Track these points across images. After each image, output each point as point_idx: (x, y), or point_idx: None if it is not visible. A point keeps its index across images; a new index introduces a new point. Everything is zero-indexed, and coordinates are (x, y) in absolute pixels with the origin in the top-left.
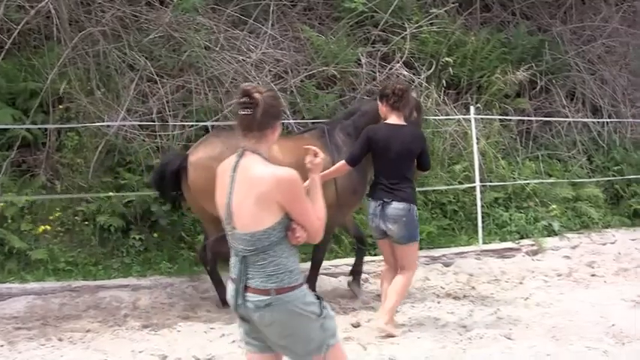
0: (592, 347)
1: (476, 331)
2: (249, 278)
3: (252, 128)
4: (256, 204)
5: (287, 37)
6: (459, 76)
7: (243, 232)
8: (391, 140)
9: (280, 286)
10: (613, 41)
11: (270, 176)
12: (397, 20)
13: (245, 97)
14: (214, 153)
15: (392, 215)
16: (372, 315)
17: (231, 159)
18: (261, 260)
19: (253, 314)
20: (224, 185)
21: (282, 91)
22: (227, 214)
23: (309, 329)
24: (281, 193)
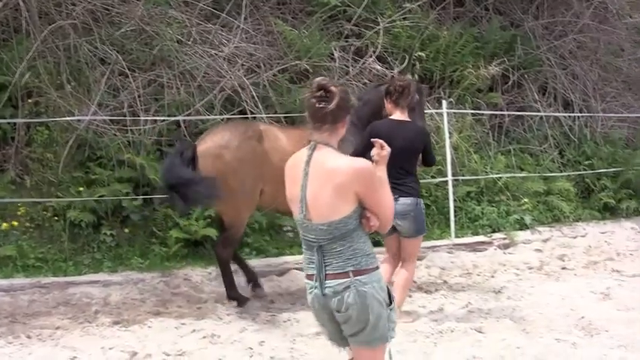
0: (561, 339)
1: (447, 325)
2: (327, 265)
3: (326, 121)
4: (333, 194)
5: (260, 31)
6: (432, 70)
7: (320, 222)
8: (394, 136)
9: (358, 268)
10: (584, 37)
11: (348, 167)
12: (370, 15)
13: (321, 90)
14: (223, 142)
15: (400, 211)
16: None
17: (302, 153)
18: (339, 247)
19: (331, 300)
20: (296, 179)
21: (254, 86)
22: (301, 206)
23: (379, 316)
24: (358, 184)
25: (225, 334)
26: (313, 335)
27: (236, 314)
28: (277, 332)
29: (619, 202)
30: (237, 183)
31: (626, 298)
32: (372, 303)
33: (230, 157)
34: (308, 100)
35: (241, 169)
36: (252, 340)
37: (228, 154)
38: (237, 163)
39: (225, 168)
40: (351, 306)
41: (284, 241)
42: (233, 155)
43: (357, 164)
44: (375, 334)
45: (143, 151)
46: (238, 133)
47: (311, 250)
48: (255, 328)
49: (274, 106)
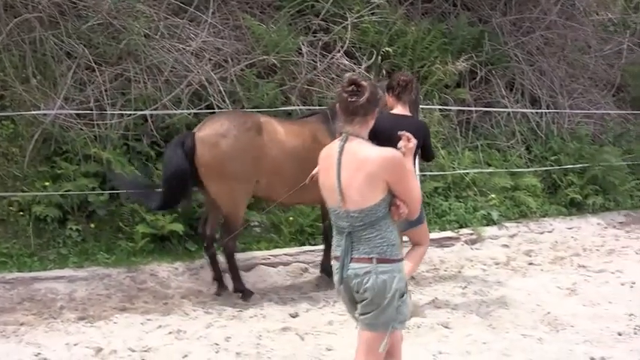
0: (527, 335)
1: (413, 320)
2: (353, 250)
3: (357, 114)
4: (365, 183)
5: (227, 26)
6: (400, 65)
7: (352, 209)
8: (395, 130)
9: (382, 256)
10: (551, 33)
11: (379, 157)
12: (338, 10)
13: (352, 85)
14: (222, 130)
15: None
16: (311, 304)
17: (335, 144)
18: (369, 234)
19: (352, 282)
20: (330, 168)
21: (221, 80)
22: (336, 194)
23: (389, 305)
24: (389, 173)
25: (191, 330)
26: (280, 331)
27: (202, 310)
28: (243, 328)
29: (585, 197)
30: (233, 172)
31: (591, 293)
32: (387, 291)
33: (227, 145)
34: (340, 95)
35: (238, 159)
36: (218, 335)
37: (226, 143)
38: (234, 152)
39: (221, 156)
40: (368, 290)
41: (251, 236)
42: (230, 144)
43: (387, 154)
44: (380, 319)
45: (110, 145)
46: (238, 123)
47: (341, 235)
48: (221, 323)
49: (242, 101)
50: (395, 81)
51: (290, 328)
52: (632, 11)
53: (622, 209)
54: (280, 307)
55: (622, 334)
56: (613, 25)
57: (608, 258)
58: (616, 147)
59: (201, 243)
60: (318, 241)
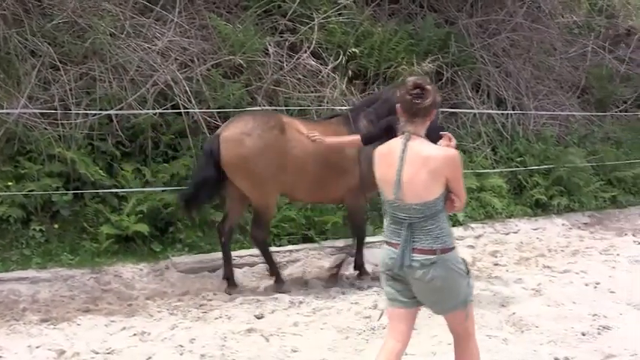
0: (492, 335)
1: (379, 322)
2: (415, 241)
3: (419, 115)
4: (428, 178)
5: (194, 26)
6: (366, 66)
7: (414, 202)
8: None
9: (444, 247)
10: (517, 35)
11: (442, 155)
12: (305, 10)
13: (417, 88)
14: (246, 129)
15: None
16: (277, 306)
17: (397, 142)
18: (429, 225)
19: (417, 272)
20: (391, 164)
21: (187, 80)
22: (397, 188)
23: (460, 285)
24: (449, 170)
25: (155, 332)
26: (245, 332)
27: (167, 311)
28: (208, 329)
29: (550, 198)
30: (259, 169)
31: (556, 293)
32: (454, 276)
33: (251, 144)
34: (403, 97)
35: (262, 157)
36: (182, 337)
37: (250, 141)
38: (257, 150)
39: (245, 153)
40: (437, 278)
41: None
42: (254, 143)
43: (449, 152)
44: (458, 299)
45: (74, 145)
46: (261, 122)
47: (398, 225)
48: (185, 325)
49: (208, 101)
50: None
51: (255, 330)
52: (597, 14)
53: (586, 210)
54: (245, 308)
55: (586, 334)
56: (578, 27)
57: (573, 259)
58: (580, 148)
59: (166, 244)
60: (284, 242)
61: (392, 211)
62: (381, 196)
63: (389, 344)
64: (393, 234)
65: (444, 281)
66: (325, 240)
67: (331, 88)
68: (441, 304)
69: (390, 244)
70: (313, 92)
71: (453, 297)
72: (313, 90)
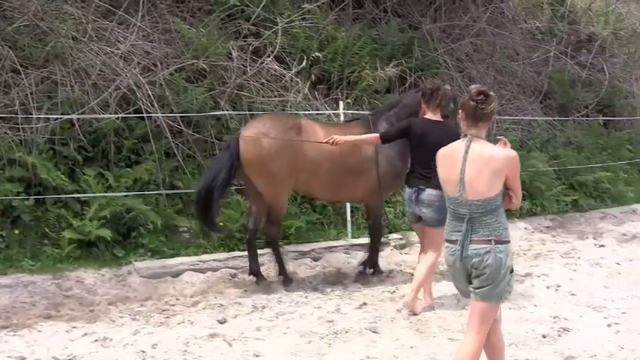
0: (454, 339)
1: (342, 325)
2: (473, 233)
3: (482, 119)
4: (491, 176)
5: (157, 30)
6: (330, 71)
7: (476, 198)
8: (427, 134)
9: (499, 238)
10: (480, 40)
11: (503, 156)
12: (269, 14)
13: (481, 95)
14: (264, 130)
15: (426, 200)
16: (240, 310)
17: (459, 144)
18: (488, 219)
19: (473, 260)
20: (453, 164)
21: (150, 84)
22: (460, 186)
23: (503, 279)
24: (509, 168)
25: (117, 338)
26: (207, 337)
27: (129, 317)
28: (171, 335)
29: None
30: (275, 168)
31: (518, 296)
32: (502, 267)
33: (268, 144)
34: (467, 103)
35: (278, 156)
36: (144, 343)
37: (267, 141)
38: (274, 150)
39: (263, 153)
40: (488, 266)
41: (179, 242)
42: (271, 142)
43: (510, 153)
44: (495, 291)
45: (35, 150)
46: (279, 124)
47: (459, 220)
48: (148, 330)
49: (170, 106)
50: (423, 89)
51: (218, 335)
52: (559, 20)
53: (548, 214)
54: (208, 313)
55: (546, 336)
56: (540, 33)
57: (535, 262)
58: (543, 153)
59: (129, 249)
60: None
61: (453, 208)
62: (444, 193)
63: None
64: (453, 231)
65: (494, 270)
66: (289, 244)
67: (295, 93)
68: (486, 291)
69: (450, 242)
70: (277, 97)
71: (498, 288)
72: (277, 94)
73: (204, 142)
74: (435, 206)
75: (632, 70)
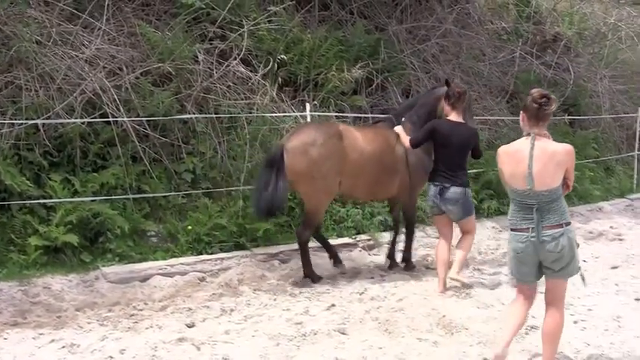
0: (423, 338)
1: (310, 327)
2: (544, 220)
3: (543, 119)
4: (555, 169)
5: (122, 33)
6: (296, 73)
7: (543, 189)
8: (452, 135)
9: (567, 221)
10: (447, 41)
11: (565, 150)
12: (235, 17)
13: (544, 98)
14: (309, 140)
15: (451, 198)
16: (208, 314)
17: (523, 142)
18: (555, 206)
19: (549, 245)
20: (520, 160)
21: (116, 89)
22: (528, 179)
23: (575, 255)
24: (570, 160)
25: (85, 344)
26: (176, 341)
27: (97, 322)
28: (139, 340)
29: (481, 202)
30: (320, 176)
31: (485, 295)
32: (574, 245)
33: (316, 153)
34: (530, 104)
35: (324, 164)
36: (112, 348)
37: (314, 151)
38: (321, 158)
39: (310, 162)
40: (564, 247)
41: (147, 246)
42: (318, 152)
43: (569, 148)
44: (573, 266)
45: (0, 155)
46: (323, 133)
47: (527, 210)
48: (116, 336)
49: (137, 110)
50: (451, 92)
51: (186, 339)
52: (524, 21)
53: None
54: (177, 317)
55: None
56: (506, 33)
57: (503, 261)
58: None
59: (96, 254)
60: (215, 250)
61: (521, 200)
62: (508, 187)
63: (521, 303)
64: (522, 220)
65: (569, 249)
66: (257, 247)
67: (261, 95)
68: (568, 269)
69: (518, 230)
70: (243, 99)
71: (573, 262)
72: (243, 97)
73: (170, 146)
74: (460, 203)
75: (597, 69)
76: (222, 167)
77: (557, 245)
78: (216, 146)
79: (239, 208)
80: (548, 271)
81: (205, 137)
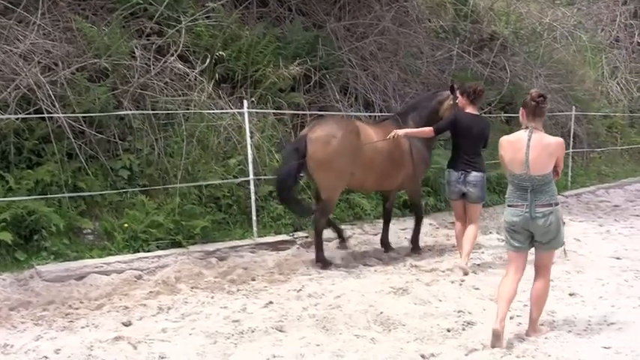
0: (360, 335)
1: (248, 325)
2: (536, 199)
3: (539, 115)
4: (548, 157)
5: (58, 28)
6: (234, 70)
7: (537, 174)
8: (472, 125)
9: (555, 201)
10: (384, 39)
11: (556, 142)
12: (172, 13)
13: (541, 97)
14: (332, 131)
15: (472, 181)
16: (145, 312)
17: (522, 134)
18: (546, 188)
19: (540, 220)
20: (519, 149)
21: (51, 84)
22: (525, 165)
23: (561, 230)
24: (560, 151)
25: (18, 344)
26: (112, 340)
27: (31, 322)
28: (74, 339)
29: None
30: (338, 165)
31: (422, 292)
32: (560, 222)
33: (336, 144)
34: (529, 102)
35: (342, 156)
36: (47, 348)
37: (335, 142)
38: (340, 150)
39: (331, 152)
40: (552, 223)
41: (83, 244)
42: (338, 143)
43: (560, 141)
44: (558, 240)
45: None
46: (343, 127)
47: (523, 191)
48: (50, 335)
49: (72, 106)
50: (471, 89)
51: (123, 338)
52: (462, 19)
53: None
54: (113, 316)
55: (451, 330)
56: (444, 32)
57: (440, 257)
58: (447, 149)
59: (31, 252)
60: (152, 247)
61: (518, 182)
62: (508, 171)
63: (512, 275)
64: (518, 198)
65: (556, 225)
66: (194, 245)
67: (199, 92)
68: (554, 242)
69: (514, 206)
70: (181, 96)
71: (559, 237)
72: (181, 94)
73: (107, 143)
74: (480, 186)
75: (533, 68)
76: (159, 164)
77: (546, 221)
78: (153, 143)
79: (176, 205)
80: (537, 244)
81: (142, 134)
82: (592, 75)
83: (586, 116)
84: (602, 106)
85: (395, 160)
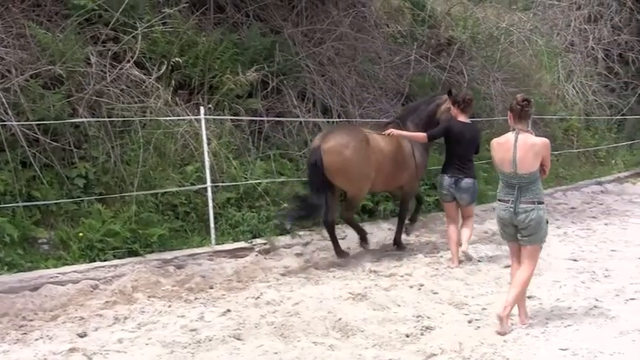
0: (318, 342)
1: (205, 334)
2: (522, 197)
3: (524, 118)
4: (533, 157)
5: (11, 34)
6: (191, 76)
7: (524, 172)
8: (463, 133)
9: (539, 200)
10: (342, 44)
11: (541, 142)
12: (128, 19)
13: (525, 101)
14: (344, 142)
15: (464, 187)
16: (101, 323)
17: (510, 135)
18: (532, 187)
19: (522, 215)
20: (507, 149)
21: (4, 92)
22: (513, 164)
23: (542, 228)
24: (545, 151)
25: None
26: (67, 352)
27: None
28: (28, 351)
29: (377, 204)
30: (355, 170)
31: (381, 297)
32: (542, 219)
33: (349, 153)
34: (515, 106)
35: (357, 162)
36: None
37: (348, 152)
38: (354, 157)
39: (345, 161)
40: (532, 219)
41: (38, 254)
42: (351, 152)
43: (546, 141)
44: (539, 236)
45: None
46: (354, 136)
47: (511, 188)
48: (3, 348)
49: (26, 113)
50: (461, 99)
51: (77, 349)
52: (420, 25)
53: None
54: (68, 327)
55: (409, 335)
56: (402, 37)
57: (398, 262)
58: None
59: None
60: (109, 257)
61: (507, 179)
62: (498, 170)
63: (516, 264)
64: (506, 194)
65: (536, 222)
66: (151, 253)
67: (155, 99)
68: (532, 238)
69: (503, 201)
70: (137, 103)
71: (540, 234)
72: (137, 100)
73: (62, 151)
74: (470, 192)
75: (490, 72)
76: (116, 172)
77: (526, 217)
78: (110, 150)
79: (132, 214)
80: (519, 236)
81: (98, 141)
82: (548, 79)
83: (543, 119)
84: (559, 109)
85: (400, 162)
